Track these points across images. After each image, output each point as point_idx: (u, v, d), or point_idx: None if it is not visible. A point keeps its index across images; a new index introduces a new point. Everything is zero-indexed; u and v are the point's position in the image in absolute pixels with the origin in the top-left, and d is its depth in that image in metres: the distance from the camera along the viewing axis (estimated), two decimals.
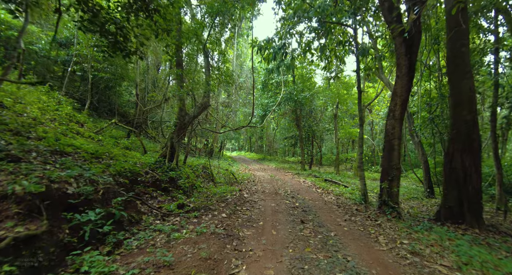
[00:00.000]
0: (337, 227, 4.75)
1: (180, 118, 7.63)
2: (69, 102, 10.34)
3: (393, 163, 6.25)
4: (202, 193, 7.41)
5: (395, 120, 6.38)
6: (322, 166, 25.63)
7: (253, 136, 41.88)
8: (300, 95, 17.69)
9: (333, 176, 15.78)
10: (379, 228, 4.76)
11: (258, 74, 23.86)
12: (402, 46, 6.32)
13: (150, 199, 5.50)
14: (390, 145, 6.38)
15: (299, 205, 6.39)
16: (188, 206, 5.56)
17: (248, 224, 4.55)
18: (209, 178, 10.02)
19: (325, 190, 9.41)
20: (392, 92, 6.63)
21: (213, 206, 5.84)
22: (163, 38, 5.53)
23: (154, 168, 6.70)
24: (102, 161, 5.50)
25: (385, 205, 6.02)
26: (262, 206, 6.18)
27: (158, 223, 4.39)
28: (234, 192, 7.85)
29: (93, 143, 7.25)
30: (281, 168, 19.64)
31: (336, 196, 8.28)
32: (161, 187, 6.14)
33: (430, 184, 12.09)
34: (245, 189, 8.74)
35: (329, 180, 12.83)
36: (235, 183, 10.09)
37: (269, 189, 9.06)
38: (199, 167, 10.34)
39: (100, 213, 3.08)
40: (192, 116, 7.83)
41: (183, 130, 7.66)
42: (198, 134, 21.31)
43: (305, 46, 8.23)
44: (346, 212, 5.97)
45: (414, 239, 4.15)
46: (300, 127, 19.71)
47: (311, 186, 10.49)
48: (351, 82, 20.76)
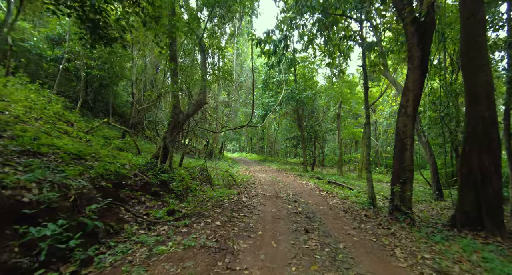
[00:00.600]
0: (346, 236, 4.19)
1: (174, 117, 7.12)
2: (60, 101, 9.89)
3: (405, 164, 5.68)
4: (197, 197, 6.87)
5: (407, 117, 5.82)
6: (325, 167, 25.03)
7: (254, 137, 41.35)
8: (302, 94, 17.14)
9: (336, 177, 15.19)
10: (394, 238, 4.19)
11: (258, 74, 23.36)
12: (414, 36, 5.77)
13: (137, 204, 4.97)
14: (401, 144, 5.82)
15: (302, 211, 5.83)
16: (180, 212, 5.03)
17: (245, 234, 4.00)
18: (206, 180, 9.48)
19: (329, 193, 8.84)
20: (404, 87, 6.08)
21: (208, 212, 5.29)
22: (152, 27, 5.02)
23: (144, 170, 6.17)
24: (84, 162, 4.99)
25: (397, 210, 5.45)
26: (261, 211, 5.63)
27: (142, 233, 3.85)
28: (232, 195, 7.31)
29: (80, 143, 6.75)
30: (283, 169, 19.08)
31: (342, 200, 7.71)
32: (151, 191, 5.61)
33: (439, 186, 11.48)
34: (244, 192, 8.20)
35: (332, 182, 12.25)
36: (234, 185, 9.55)
37: (270, 192, 8.51)
38: (196, 169, 9.81)
39: (63, 225, 2.55)
40: (187, 114, 7.31)
41: (177, 130, 7.15)
42: (198, 135, 20.82)
43: (308, 40, 7.70)
44: (354, 219, 5.40)
45: (436, 253, 3.59)
46: (302, 127, 19.15)
47: (314, 188, 9.92)
48: (355, 81, 20.18)
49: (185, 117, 7.27)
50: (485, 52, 5.65)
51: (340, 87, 18.55)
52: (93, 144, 7.27)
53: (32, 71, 11.55)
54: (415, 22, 5.62)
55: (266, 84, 18.93)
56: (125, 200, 4.78)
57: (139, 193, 5.26)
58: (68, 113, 9.25)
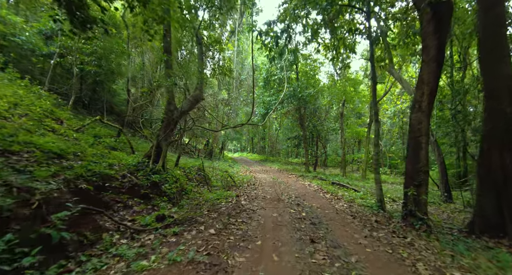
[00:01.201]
0: (357, 247, 3.66)
1: (168, 113, 6.62)
2: (52, 98, 9.44)
3: (420, 165, 5.15)
4: (192, 200, 6.37)
5: (422, 113, 5.29)
6: (327, 167, 24.48)
7: (255, 137, 40.85)
8: (304, 92, 16.61)
9: (340, 178, 14.67)
10: (412, 249, 3.67)
11: (259, 72, 22.86)
12: (430, 23, 5.24)
13: (123, 209, 4.47)
14: (416, 142, 5.29)
15: (306, 216, 5.31)
16: (171, 217, 4.52)
17: (242, 245, 3.49)
18: (204, 181, 8.99)
19: (334, 195, 8.32)
20: (418, 80, 5.54)
21: (202, 217, 4.79)
22: (140, 13, 4.53)
23: (133, 170, 5.68)
24: (65, 162, 4.49)
25: (411, 216, 4.91)
26: (261, 216, 5.11)
27: (124, 243, 3.35)
28: (231, 198, 6.80)
29: (66, 141, 6.26)
30: (284, 170, 18.55)
31: (348, 203, 7.19)
32: (140, 194, 5.11)
33: (447, 187, 10.94)
34: (243, 194, 7.68)
35: (336, 183, 11.73)
36: (233, 187, 9.04)
37: (271, 193, 8.00)
38: (193, 169, 9.31)
39: (10, 241, 2.05)
40: (182, 111, 6.81)
41: (171, 127, 6.64)
42: (198, 134, 20.35)
43: (313, 30, 7.18)
44: (364, 225, 4.88)
45: (466, 269, 3.06)
46: (304, 127, 18.62)
47: (318, 190, 9.39)
48: (358, 79, 19.60)
49: (180, 114, 6.76)
50: (506, 43, 5.14)
51: (344, 85, 17.98)
52: (81, 142, 6.79)
53: (24, 67, 11.10)
54: (431, 7, 5.09)
55: (267, 82, 18.41)
56: (109, 204, 4.28)
57: (126, 196, 4.75)
58: (59, 111, 8.78)
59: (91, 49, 10.91)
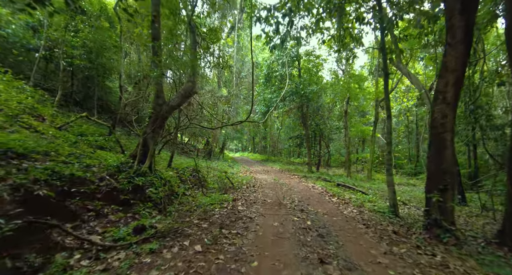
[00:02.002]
0: (378, 268, 2.94)
1: (156, 108, 5.91)
2: (38, 94, 8.80)
3: (445, 166, 4.40)
4: (183, 205, 5.67)
5: (447, 105, 4.54)
6: (330, 167, 23.71)
7: (257, 137, 40.15)
8: (307, 89, 15.85)
9: (345, 179, 13.92)
10: (447, 272, 2.93)
11: (260, 69, 22.12)
12: (456, 1, 4.50)
13: (96, 218, 3.77)
14: (439, 140, 4.54)
15: (312, 225, 4.58)
16: (153, 228, 3.81)
17: (233, 268, 2.77)
18: (199, 183, 8.29)
19: (340, 198, 7.58)
20: (441, 67, 4.79)
21: (190, 227, 4.08)
22: None
23: (114, 172, 4.98)
24: (26, 162, 3.80)
25: (437, 226, 4.17)
26: (260, 226, 4.39)
27: (84, 265, 2.64)
28: (226, 202, 6.08)
29: (42, 139, 5.58)
30: (286, 170, 17.81)
31: (357, 208, 6.45)
32: (119, 200, 4.41)
33: (461, 189, 10.15)
34: (241, 197, 6.97)
35: (342, 185, 10.99)
36: (231, 189, 8.33)
37: (272, 197, 7.28)
38: (187, 170, 8.61)
39: None
40: (171, 105, 6.10)
41: (159, 124, 5.94)
42: (197, 133, 19.67)
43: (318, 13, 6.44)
44: (380, 236, 4.14)
45: None
46: (306, 125, 17.87)
47: (323, 192, 8.66)
48: (363, 75, 18.81)
49: (169, 108, 6.05)
50: None
51: (348, 82, 17.20)
52: (59, 140, 6.10)
53: (11, 62, 10.45)
54: None
55: (269, 79, 17.66)
56: (77, 214, 3.58)
57: (100, 203, 4.05)
58: (41, 107, 8.12)
59: (80, 42, 10.25)
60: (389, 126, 6.58)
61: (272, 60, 17.12)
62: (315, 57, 18.20)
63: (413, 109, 22.70)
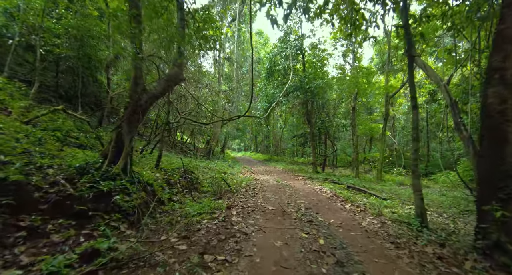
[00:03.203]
0: None
1: (133, 96, 4.86)
2: (14, 86, 7.88)
3: (507, 167, 3.28)
4: (165, 215, 4.63)
5: (505, 86, 3.41)
6: (336, 167, 22.52)
7: (259, 136, 39.07)
8: (312, 83, 14.72)
9: (354, 180, 12.75)
10: None
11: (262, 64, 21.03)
12: None
13: (27, 240, 2.72)
14: (497, 131, 3.42)
15: (326, 245, 3.49)
16: (112, 251, 2.76)
17: None
18: (191, 186, 7.25)
19: (355, 205, 6.46)
20: (496, 39, 3.66)
21: (164, 250, 3.02)
22: None
23: (74, 175, 3.94)
24: None
25: (500, 250, 3.05)
26: (257, 247, 3.31)
27: None
28: (219, 211, 5.02)
29: None
30: (290, 170, 16.71)
31: (377, 217, 5.35)
32: (73, 211, 3.37)
33: None
34: (237, 204, 5.90)
35: (352, 187, 9.86)
36: (227, 192, 7.27)
37: (274, 203, 6.20)
38: (178, 171, 7.58)
39: None
40: (153, 94, 5.05)
41: (138, 116, 4.89)
42: (195, 131, 18.67)
43: None
44: (420, 264, 3.04)
45: None
46: (311, 123, 16.75)
47: (332, 196, 7.56)
48: (372, 69, 17.59)
49: (150, 97, 5.00)
50: None
51: (356, 77, 15.99)
52: (21, 135, 5.08)
53: None
54: None
55: (271, 73, 16.55)
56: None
57: (42, 217, 3.01)
58: (11, 100, 7.15)
59: (62, 29, 9.27)
60: (415, 119, 5.46)
61: (275, 53, 16.00)
62: (321, 51, 17.06)
63: (424, 106, 21.41)
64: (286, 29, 16.41)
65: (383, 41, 18.67)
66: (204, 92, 12.74)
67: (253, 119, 31.07)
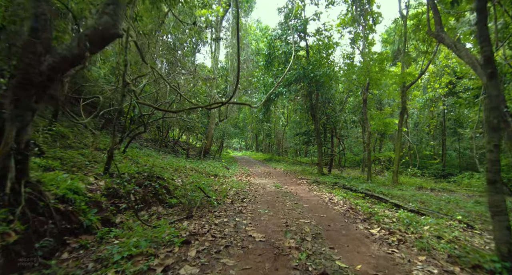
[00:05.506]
0: None
1: (27, 60, 2.90)
2: None
3: None
4: (74, 259, 2.66)
5: None
6: (344, 168, 20.38)
7: (260, 134, 37.06)
8: (317, 71, 12.65)
9: (367, 185, 10.64)
10: None
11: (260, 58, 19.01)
12: None
13: None
14: None
15: None
16: None
17: None
18: (155, 198, 5.29)
19: (385, 228, 4.41)
20: None
21: None
22: None
23: None
24: None
25: None
26: None
27: None
28: (167, 249, 3.03)
29: None
30: (292, 172, 14.69)
31: (429, 255, 3.31)
32: None
33: None
34: (207, 230, 3.89)
35: (369, 195, 7.82)
36: (204, 207, 5.28)
37: (266, 225, 4.19)
38: (138, 177, 5.61)
39: None
40: (63, 57, 3.07)
41: (31, 92, 2.92)
42: (183, 128, 16.71)
43: None
44: None
45: None
46: (316, 118, 14.69)
47: (348, 211, 5.52)
48: (386, 54, 15.41)
49: (59, 63, 3.02)
50: None
51: (368, 64, 13.83)
52: None
53: None
54: None
55: (270, 61, 14.50)
56: None
57: None
58: None
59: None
60: (494, 94, 3.40)
61: (274, 36, 13.94)
62: (326, 37, 14.97)
63: (443, 99, 19.16)
64: (287, 11, 14.36)
65: (397, 25, 16.53)
66: (189, 79, 10.74)
67: (253, 117, 29.11)
